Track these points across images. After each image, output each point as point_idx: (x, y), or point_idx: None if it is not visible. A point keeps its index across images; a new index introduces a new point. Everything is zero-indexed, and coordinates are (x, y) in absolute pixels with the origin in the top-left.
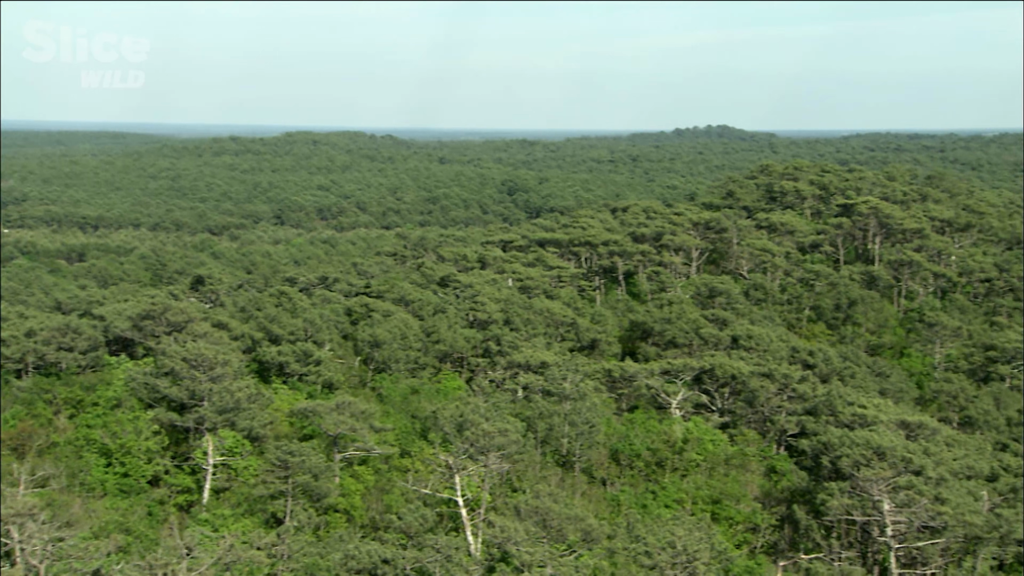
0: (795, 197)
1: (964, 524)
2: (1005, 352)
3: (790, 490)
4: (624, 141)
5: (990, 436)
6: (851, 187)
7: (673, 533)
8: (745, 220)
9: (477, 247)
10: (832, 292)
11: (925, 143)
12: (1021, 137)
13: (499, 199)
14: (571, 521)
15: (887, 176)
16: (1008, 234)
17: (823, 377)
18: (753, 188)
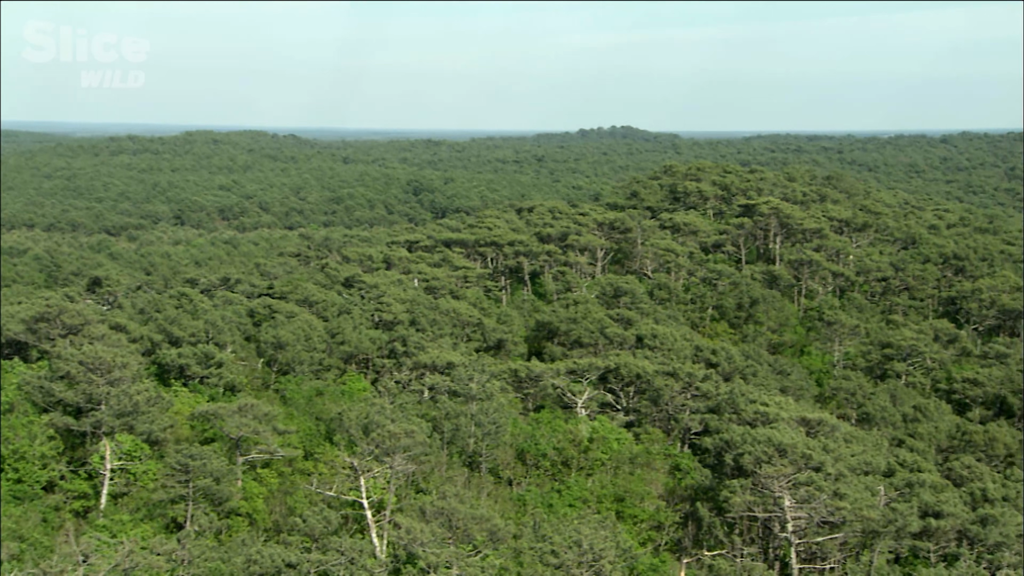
0: (698, 197)
1: (861, 519)
2: (901, 350)
3: (694, 488)
4: (529, 141)
5: (887, 432)
6: (752, 188)
7: (579, 532)
8: (649, 220)
9: (382, 247)
10: (734, 291)
11: (824, 144)
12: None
13: (404, 199)
14: (477, 521)
15: (787, 177)
16: (903, 234)
17: (726, 375)
18: (657, 189)
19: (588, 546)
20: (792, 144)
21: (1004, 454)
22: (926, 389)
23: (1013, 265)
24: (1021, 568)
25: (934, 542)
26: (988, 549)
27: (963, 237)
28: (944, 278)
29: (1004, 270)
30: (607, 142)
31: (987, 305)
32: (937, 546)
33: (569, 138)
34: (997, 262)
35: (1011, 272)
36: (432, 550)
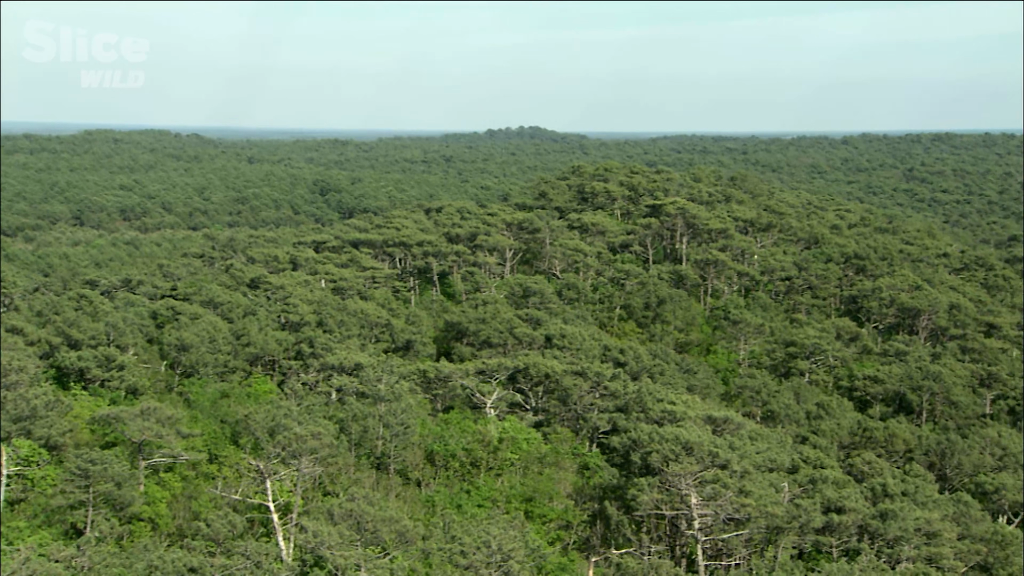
0: (606, 198)
1: (766, 515)
2: (804, 348)
3: (602, 487)
4: (437, 141)
5: (791, 429)
6: (659, 188)
7: (488, 532)
8: (558, 220)
9: (289, 248)
10: (642, 291)
11: (728, 145)
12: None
13: (311, 199)
14: (386, 523)
15: (693, 177)
16: (806, 234)
17: (634, 375)
18: (565, 189)
19: (497, 546)
20: (698, 145)
21: (903, 450)
22: (829, 387)
23: (912, 264)
24: (920, 561)
25: (836, 537)
26: (888, 543)
27: (864, 237)
28: (846, 277)
29: (903, 269)
30: (515, 142)
31: (887, 304)
32: (839, 541)
33: (477, 138)
34: (896, 261)
35: (910, 271)
36: (340, 552)
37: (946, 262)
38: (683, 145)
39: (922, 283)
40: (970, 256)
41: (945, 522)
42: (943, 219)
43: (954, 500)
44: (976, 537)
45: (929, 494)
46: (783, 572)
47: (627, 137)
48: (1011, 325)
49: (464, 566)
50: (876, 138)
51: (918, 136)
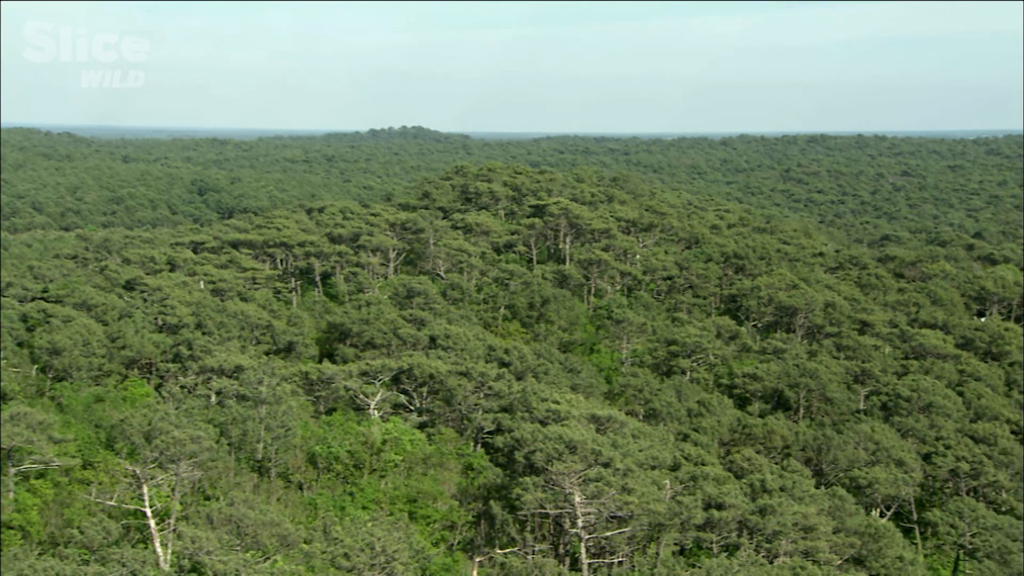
0: (489, 198)
1: (649, 512)
2: (686, 346)
3: (486, 486)
4: (319, 141)
5: (673, 427)
6: (543, 188)
7: (371, 534)
8: (441, 221)
9: (166, 249)
10: (526, 291)
11: (611, 146)
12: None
13: (189, 199)
14: (266, 527)
15: (576, 178)
16: (687, 234)
17: (518, 374)
18: (449, 189)
19: (381, 548)
20: (580, 146)
21: (781, 446)
22: (709, 384)
23: (789, 263)
24: (797, 555)
25: (717, 533)
26: (766, 538)
27: (743, 237)
28: (725, 276)
29: (780, 268)
30: (398, 142)
31: (765, 302)
32: (719, 537)
33: (360, 138)
34: (774, 260)
35: (787, 270)
36: (219, 558)
37: (822, 261)
38: (566, 146)
39: (799, 282)
40: (844, 255)
41: (821, 516)
42: (819, 219)
43: (829, 494)
44: (850, 530)
45: (806, 489)
46: (665, 569)
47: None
48: (883, 323)
49: (347, 568)
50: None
51: (794, 138)
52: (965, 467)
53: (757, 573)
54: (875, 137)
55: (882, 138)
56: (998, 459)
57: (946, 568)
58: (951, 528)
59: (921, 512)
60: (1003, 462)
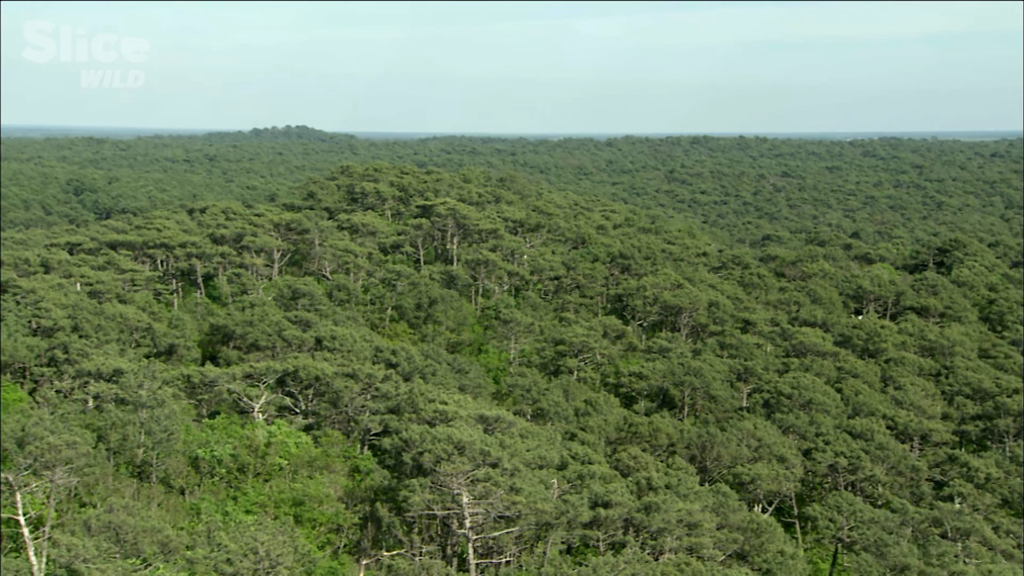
0: (376, 198)
1: (536, 512)
2: (573, 346)
3: (374, 489)
4: (200, 140)
5: (560, 426)
6: (429, 189)
7: (255, 539)
8: (327, 221)
9: (40, 250)
10: (414, 292)
11: (497, 147)
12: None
13: (64, 199)
14: (147, 533)
15: (463, 178)
16: (574, 234)
17: (406, 375)
18: (334, 189)
19: (265, 552)
20: (467, 146)
21: (666, 444)
22: (596, 383)
23: (674, 263)
24: (682, 552)
25: (603, 531)
26: (652, 535)
27: (628, 237)
28: (612, 276)
29: (665, 268)
30: (282, 142)
31: (651, 302)
32: (606, 535)
33: (242, 137)
34: (659, 260)
35: (672, 270)
36: (96, 566)
37: (705, 261)
38: (453, 146)
39: (683, 282)
40: (727, 255)
41: (705, 513)
42: (702, 219)
43: (713, 491)
44: (734, 526)
45: (690, 486)
46: (552, 568)
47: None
48: (765, 321)
49: (230, 574)
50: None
51: (678, 139)
52: (843, 462)
53: (642, 570)
54: (756, 139)
55: (763, 139)
56: (875, 454)
57: (825, 561)
58: (830, 522)
59: (801, 507)
60: (879, 457)
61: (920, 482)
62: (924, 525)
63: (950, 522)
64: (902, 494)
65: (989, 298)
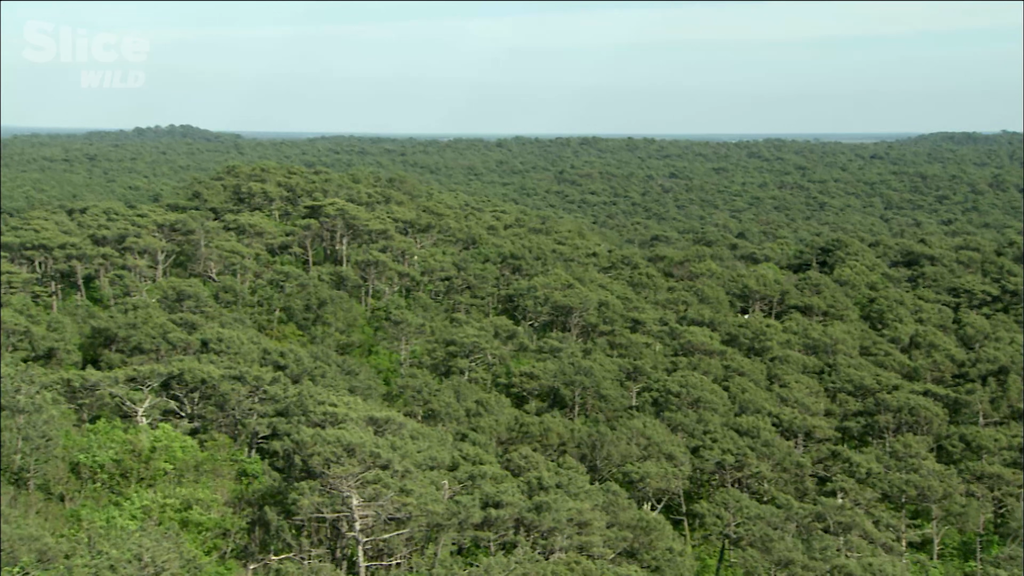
0: (263, 199)
1: (427, 513)
2: (464, 346)
3: (262, 492)
4: (80, 139)
5: (451, 427)
6: (318, 189)
7: (139, 545)
8: (213, 222)
9: None
10: (302, 293)
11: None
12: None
13: None
14: (24, 542)
15: (352, 179)
16: (464, 234)
17: (295, 378)
18: (220, 189)
19: (150, 559)
20: (356, 146)
21: (557, 443)
22: (487, 384)
23: (564, 263)
24: (572, 550)
25: (494, 531)
26: (543, 534)
27: (519, 237)
28: (503, 276)
29: (556, 268)
30: (166, 141)
31: (542, 302)
32: (497, 535)
33: (124, 136)
34: (550, 261)
35: (562, 270)
36: None
37: (595, 261)
38: (341, 146)
39: (574, 282)
40: (617, 255)
41: (595, 511)
42: (592, 220)
43: (604, 490)
44: (623, 524)
45: (581, 485)
46: (443, 569)
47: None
48: (654, 321)
49: None
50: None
51: (567, 140)
52: (730, 459)
53: (533, 570)
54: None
55: (651, 141)
56: (760, 451)
57: (712, 557)
58: (717, 519)
59: (689, 504)
60: (765, 454)
61: (804, 478)
62: (808, 520)
63: (832, 517)
64: (787, 490)
65: (870, 297)
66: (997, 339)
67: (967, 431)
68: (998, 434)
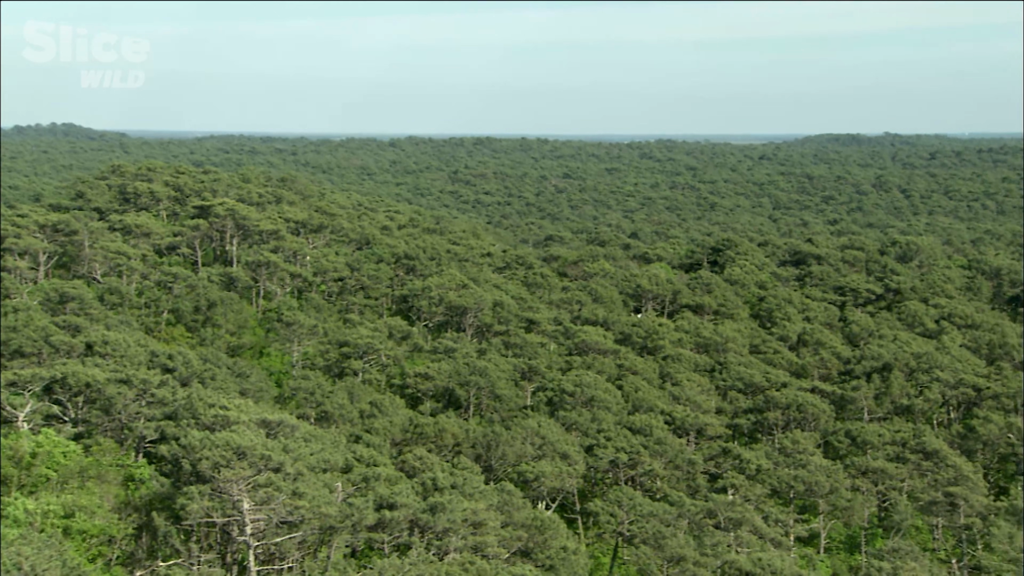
0: (150, 199)
1: (320, 516)
2: (358, 348)
3: (149, 498)
4: None
5: (345, 429)
6: (207, 189)
7: (19, 554)
8: (98, 222)
9: None
10: (191, 294)
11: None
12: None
13: None
14: None
15: (242, 178)
16: (358, 235)
17: (184, 380)
18: (105, 189)
19: (30, 567)
20: (246, 145)
21: (452, 444)
22: (382, 385)
23: (459, 264)
24: (467, 551)
25: (388, 533)
26: (437, 535)
27: (413, 238)
28: (397, 277)
29: (450, 269)
30: (47, 140)
31: (436, 302)
32: (391, 537)
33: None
34: (444, 261)
35: (457, 270)
36: None
37: (490, 261)
38: (231, 145)
39: (468, 282)
40: (511, 255)
41: (490, 511)
42: (486, 220)
43: (498, 490)
44: (518, 524)
45: (476, 485)
46: (336, 572)
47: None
48: (548, 320)
49: None
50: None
51: (461, 140)
52: (624, 457)
53: (427, 571)
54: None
55: (544, 141)
56: (653, 449)
57: (606, 555)
58: (611, 517)
59: (584, 503)
60: (658, 451)
61: (696, 475)
62: (699, 517)
63: (723, 513)
64: (679, 487)
65: (759, 295)
66: (881, 336)
67: (852, 427)
68: (882, 429)
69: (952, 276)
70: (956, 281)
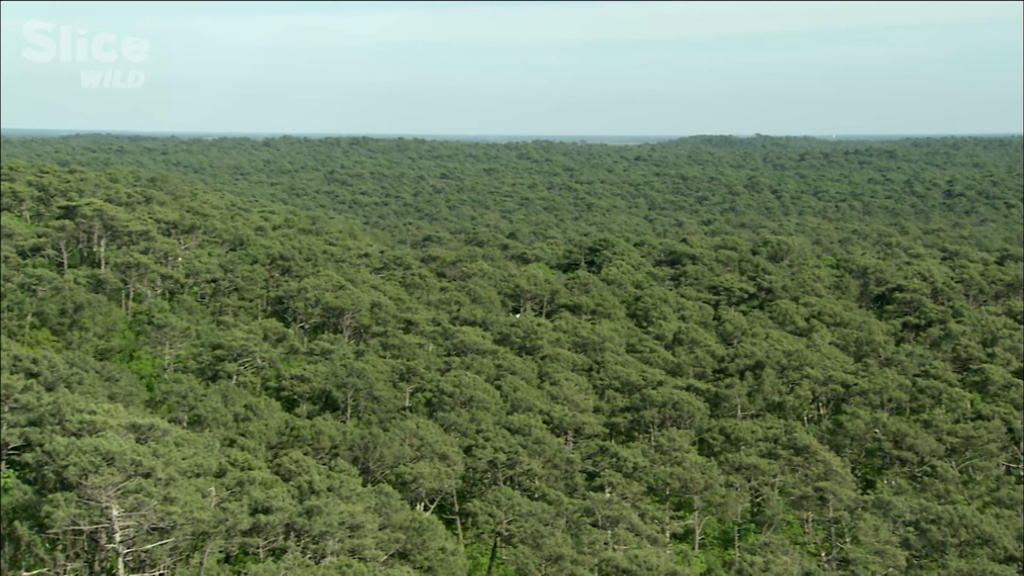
0: (12, 199)
1: (192, 521)
2: (232, 350)
3: (12, 506)
4: None
5: (219, 432)
6: (73, 189)
7: None
8: None
9: None
10: (57, 297)
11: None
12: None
13: None
14: None
15: (110, 178)
16: (231, 235)
17: (49, 385)
18: None
19: None
20: (114, 144)
21: (329, 446)
22: (257, 388)
23: (335, 264)
24: (344, 554)
25: (263, 537)
26: (314, 539)
27: (288, 238)
28: (272, 278)
29: (327, 270)
30: None
31: (312, 303)
32: (267, 541)
33: None
34: (320, 262)
35: (334, 271)
36: None
37: (367, 262)
38: (98, 144)
39: (345, 283)
40: (389, 256)
41: (368, 514)
42: (364, 220)
43: (376, 492)
44: (396, 526)
45: (353, 488)
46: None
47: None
48: (427, 321)
49: None
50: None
51: (337, 140)
52: (503, 457)
53: (304, 575)
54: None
55: (422, 141)
56: (532, 448)
57: (484, 555)
58: (489, 517)
59: (462, 503)
60: (536, 451)
61: (574, 474)
62: (577, 515)
63: (601, 511)
64: (557, 486)
65: (636, 295)
66: (753, 335)
67: (727, 424)
68: (755, 426)
69: (821, 275)
70: (825, 280)
